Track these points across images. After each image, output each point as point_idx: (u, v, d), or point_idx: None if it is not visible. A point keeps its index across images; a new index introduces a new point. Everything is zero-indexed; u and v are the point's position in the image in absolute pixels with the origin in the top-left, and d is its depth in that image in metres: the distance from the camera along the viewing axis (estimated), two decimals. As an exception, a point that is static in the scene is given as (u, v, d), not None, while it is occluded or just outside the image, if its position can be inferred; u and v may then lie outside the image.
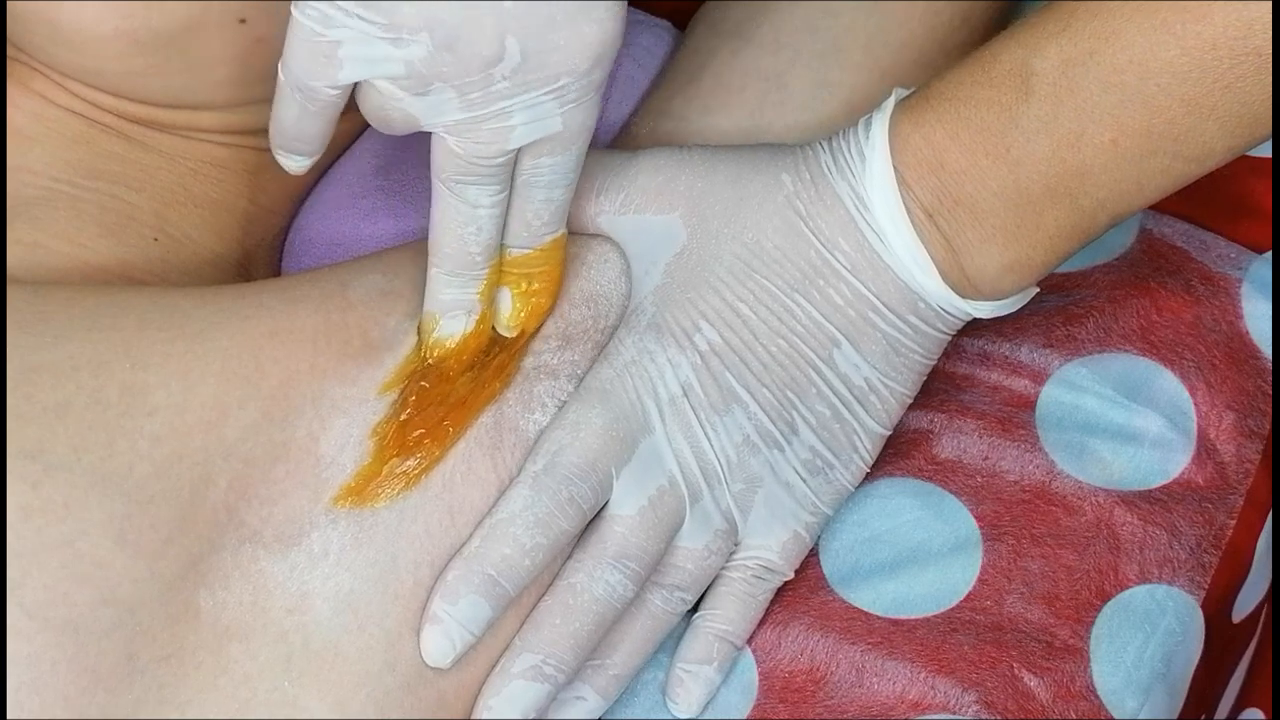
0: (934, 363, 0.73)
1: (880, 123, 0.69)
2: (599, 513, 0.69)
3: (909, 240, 0.69)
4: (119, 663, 0.61)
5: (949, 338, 0.72)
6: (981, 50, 0.68)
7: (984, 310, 0.71)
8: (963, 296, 0.70)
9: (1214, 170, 0.67)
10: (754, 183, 0.71)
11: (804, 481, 0.72)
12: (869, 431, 0.72)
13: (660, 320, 0.70)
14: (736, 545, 0.72)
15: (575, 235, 0.72)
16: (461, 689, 0.68)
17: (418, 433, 0.67)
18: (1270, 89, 0.64)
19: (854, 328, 0.70)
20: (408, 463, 0.67)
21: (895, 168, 0.69)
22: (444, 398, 0.68)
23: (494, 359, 0.69)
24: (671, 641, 0.73)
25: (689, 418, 0.70)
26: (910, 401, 0.73)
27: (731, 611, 0.72)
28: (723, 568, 0.72)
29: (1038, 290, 0.73)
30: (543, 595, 0.69)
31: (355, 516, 0.66)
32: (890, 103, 0.70)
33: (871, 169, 0.69)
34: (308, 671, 0.64)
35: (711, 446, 0.70)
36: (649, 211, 0.72)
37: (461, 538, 0.67)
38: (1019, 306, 0.72)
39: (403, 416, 0.67)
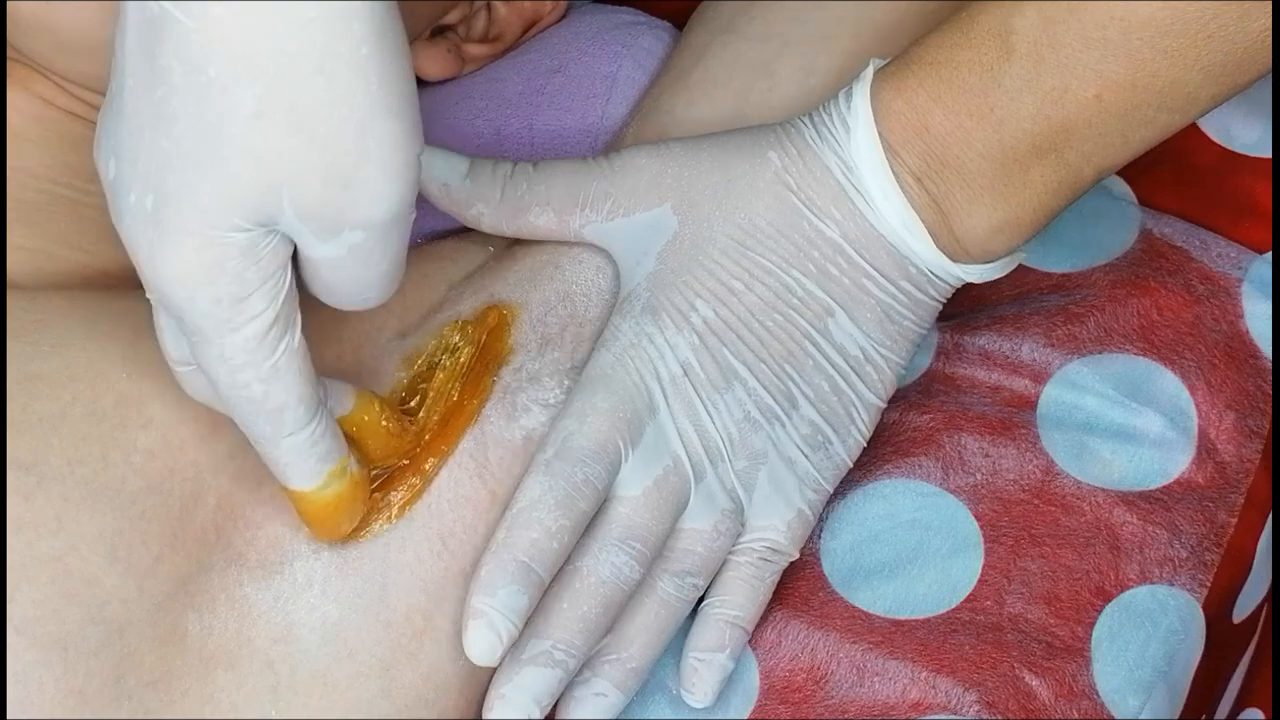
0: (925, 331, 0.73)
1: (861, 92, 0.69)
2: (606, 497, 0.69)
3: (899, 206, 0.69)
4: (106, 684, 0.61)
5: (940, 304, 0.72)
6: (958, 14, 0.68)
7: (974, 274, 0.71)
8: (953, 260, 0.70)
9: (1211, 166, 0.67)
10: (740, 163, 0.71)
11: (806, 457, 0.72)
12: (866, 404, 0.72)
13: (655, 303, 0.70)
14: (742, 527, 0.72)
15: (553, 244, 0.73)
16: (463, 702, 0.68)
17: (403, 463, 0.67)
18: (1252, 36, 0.64)
19: (848, 296, 0.71)
20: (391, 495, 0.67)
21: (880, 134, 0.69)
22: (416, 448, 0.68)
23: (464, 388, 0.69)
24: (678, 639, 0.73)
25: (691, 396, 0.70)
26: (904, 372, 0.73)
27: (740, 596, 0.72)
28: (729, 553, 0.72)
29: (1025, 255, 0.73)
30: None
31: (337, 549, 0.65)
32: (869, 72, 0.70)
33: (856, 138, 0.69)
34: (294, 702, 0.64)
35: (714, 424, 0.70)
36: (637, 211, 0.72)
37: (457, 560, 0.67)
38: (1007, 271, 0.72)
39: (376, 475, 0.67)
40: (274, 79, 0.54)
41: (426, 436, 0.68)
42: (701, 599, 0.72)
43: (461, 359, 0.69)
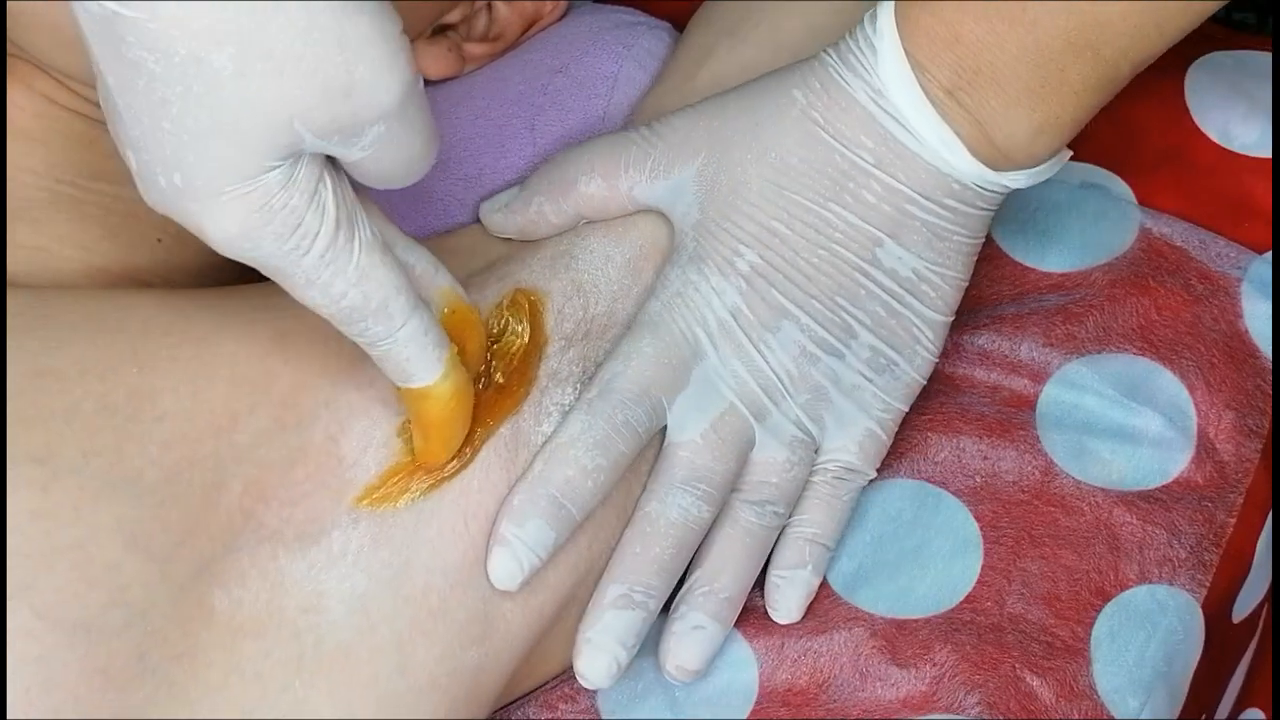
0: (981, 242, 0.73)
1: (885, 12, 0.70)
2: (665, 444, 0.71)
3: (933, 122, 0.69)
4: (130, 663, 0.61)
5: (990, 213, 0.72)
6: None
7: (1020, 180, 0.71)
8: (996, 170, 0.70)
9: (1211, 166, 0.67)
10: (766, 105, 0.72)
11: (870, 381, 0.73)
12: (928, 321, 0.73)
13: (700, 252, 0.72)
14: (816, 454, 0.73)
15: (561, 236, 0.74)
16: (474, 694, 0.68)
17: None
18: None
19: (892, 223, 0.71)
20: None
21: (907, 51, 0.69)
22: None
23: (515, 368, 0.70)
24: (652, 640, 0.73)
25: (740, 339, 0.71)
26: (966, 286, 0.74)
27: (818, 515, 0.73)
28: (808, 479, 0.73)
29: (1071, 154, 0.73)
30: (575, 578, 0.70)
31: (376, 517, 0.66)
32: None
33: (883, 58, 0.69)
34: (318, 672, 0.64)
35: (768, 363, 0.71)
36: (675, 167, 0.73)
37: (474, 544, 0.67)
38: (1054, 173, 0.72)
39: None
40: (242, 37, 0.55)
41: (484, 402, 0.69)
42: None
43: (519, 340, 0.70)
